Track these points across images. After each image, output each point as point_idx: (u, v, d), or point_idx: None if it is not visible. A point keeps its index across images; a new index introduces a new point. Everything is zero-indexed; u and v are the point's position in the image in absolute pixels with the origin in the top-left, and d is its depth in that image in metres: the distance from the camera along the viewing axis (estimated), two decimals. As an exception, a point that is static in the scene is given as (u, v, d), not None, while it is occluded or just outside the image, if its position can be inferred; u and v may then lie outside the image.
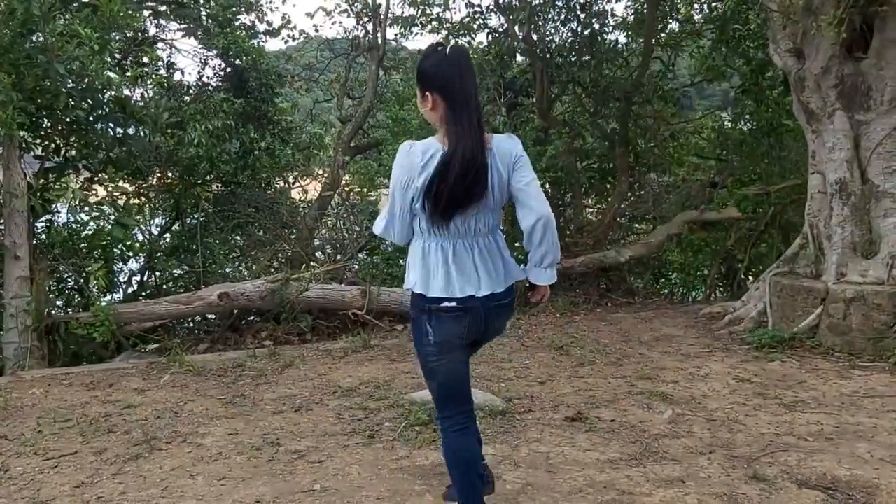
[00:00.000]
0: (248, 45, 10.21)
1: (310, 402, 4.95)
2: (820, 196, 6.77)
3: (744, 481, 3.57)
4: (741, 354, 6.07)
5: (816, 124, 6.72)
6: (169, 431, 4.38)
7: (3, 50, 6.24)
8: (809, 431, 4.28)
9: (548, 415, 4.60)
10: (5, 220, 6.51)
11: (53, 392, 5.34)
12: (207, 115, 8.99)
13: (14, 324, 6.36)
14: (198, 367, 5.86)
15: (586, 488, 3.50)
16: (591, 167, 11.39)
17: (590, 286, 9.14)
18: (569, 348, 6.33)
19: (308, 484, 3.59)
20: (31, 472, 3.79)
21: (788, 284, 6.52)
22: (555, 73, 10.57)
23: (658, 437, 4.20)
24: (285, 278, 7.55)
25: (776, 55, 6.99)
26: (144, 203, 10.18)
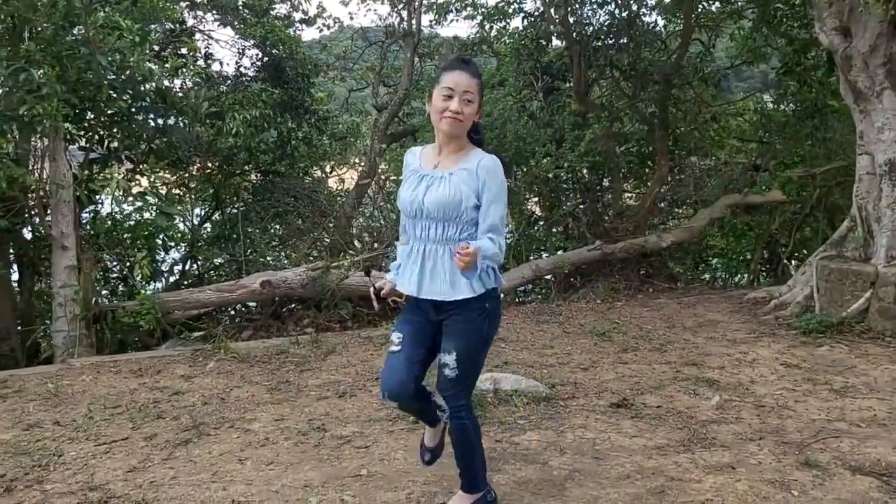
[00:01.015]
0: (284, 35, 10.25)
1: (353, 388, 4.97)
2: (869, 177, 6.62)
3: (795, 467, 3.52)
4: (788, 339, 5.97)
5: (864, 104, 6.56)
6: (216, 417, 4.43)
7: (47, 43, 6.34)
8: (861, 417, 4.20)
9: (592, 401, 4.57)
10: (52, 211, 6.61)
11: (102, 379, 5.42)
12: (246, 106, 9.04)
13: (63, 312, 6.47)
14: (242, 354, 5.92)
15: (634, 475, 3.47)
16: (629, 151, 11.28)
17: (630, 271, 9.06)
18: (611, 334, 6.28)
19: (355, 469, 3.61)
20: (84, 457, 3.86)
21: (836, 268, 6.39)
22: (592, 56, 10.45)
23: (706, 423, 4.15)
24: (326, 266, 7.58)
25: (822, 34, 6.82)
26: (184, 193, 10.31)
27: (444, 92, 2.71)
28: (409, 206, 2.81)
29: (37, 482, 3.52)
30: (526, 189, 10.26)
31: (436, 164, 2.83)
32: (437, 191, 2.75)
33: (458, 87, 2.71)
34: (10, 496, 3.36)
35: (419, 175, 2.84)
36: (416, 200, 2.78)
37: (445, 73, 2.77)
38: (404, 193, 2.85)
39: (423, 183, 2.81)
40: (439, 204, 2.73)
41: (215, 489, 3.41)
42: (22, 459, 3.80)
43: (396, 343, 2.86)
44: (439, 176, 2.78)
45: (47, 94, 5.92)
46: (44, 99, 5.93)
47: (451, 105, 2.70)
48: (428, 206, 2.75)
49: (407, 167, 2.93)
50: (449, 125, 2.73)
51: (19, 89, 5.98)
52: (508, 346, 5.98)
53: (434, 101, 2.76)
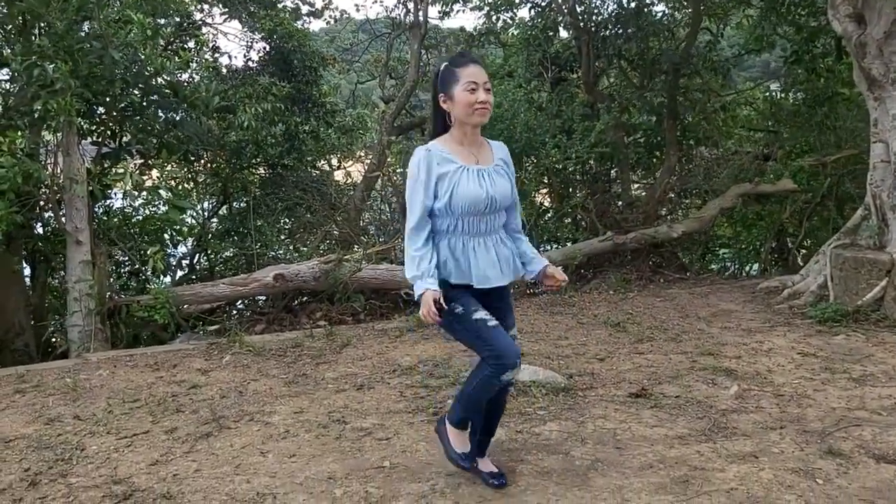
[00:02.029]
0: (293, 28, 10.23)
1: (371, 380, 4.98)
2: (883, 165, 6.59)
3: (818, 456, 3.51)
4: (804, 329, 5.95)
5: (879, 91, 6.52)
6: (236, 410, 4.44)
7: (59, 38, 6.34)
8: (882, 405, 4.19)
9: (610, 391, 4.57)
10: (66, 205, 6.63)
11: (119, 373, 5.45)
12: (257, 99, 9.04)
13: (78, 307, 6.50)
14: (257, 347, 5.94)
15: (657, 464, 3.47)
16: (637, 142, 11.25)
17: (642, 262, 9.05)
18: (625, 325, 6.27)
19: (377, 460, 3.61)
20: (106, 450, 3.88)
21: (851, 257, 6.37)
22: (600, 46, 10.42)
23: (726, 412, 4.14)
24: (338, 259, 7.59)
25: (835, 21, 6.78)
26: (193, 187, 10.32)
27: (469, 86, 2.82)
28: (482, 202, 2.86)
29: (61, 476, 3.54)
30: (536, 180, 10.25)
31: (477, 159, 2.95)
32: (500, 183, 2.94)
33: (480, 78, 2.84)
34: (35, 490, 3.38)
35: (474, 170, 2.90)
36: (488, 196, 2.87)
37: (460, 68, 2.84)
38: (471, 191, 2.85)
39: (484, 177, 2.91)
40: (504, 196, 2.95)
41: (239, 482, 3.42)
42: (45, 453, 3.82)
43: (489, 318, 2.89)
44: (491, 169, 2.96)
45: (61, 89, 5.93)
46: (57, 94, 5.94)
47: (479, 96, 2.82)
48: (499, 199, 2.92)
49: (440, 165, 2.89)
50: (482, 116, 2.87)
51: (32, 84, 5.98)
52: (524, 337, 5.98)
53: (458, 96, 2.84)
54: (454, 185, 2.85)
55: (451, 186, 2.85)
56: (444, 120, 2.98)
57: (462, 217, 2.89)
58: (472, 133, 2.95)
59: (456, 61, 2.89)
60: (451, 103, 2.88)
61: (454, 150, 2.93)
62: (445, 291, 2.88)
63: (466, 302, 2.91)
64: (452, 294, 2.91)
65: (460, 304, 2.89)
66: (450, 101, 2.89)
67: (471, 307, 2.90)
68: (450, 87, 2.86)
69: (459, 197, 2.84)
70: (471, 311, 2.89)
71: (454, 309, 2.89)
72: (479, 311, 2.90)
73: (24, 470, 3.60)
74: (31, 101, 5.98)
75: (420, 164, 2.87)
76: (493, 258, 2.94)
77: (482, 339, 2.89)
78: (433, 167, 2.87)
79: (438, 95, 2.94)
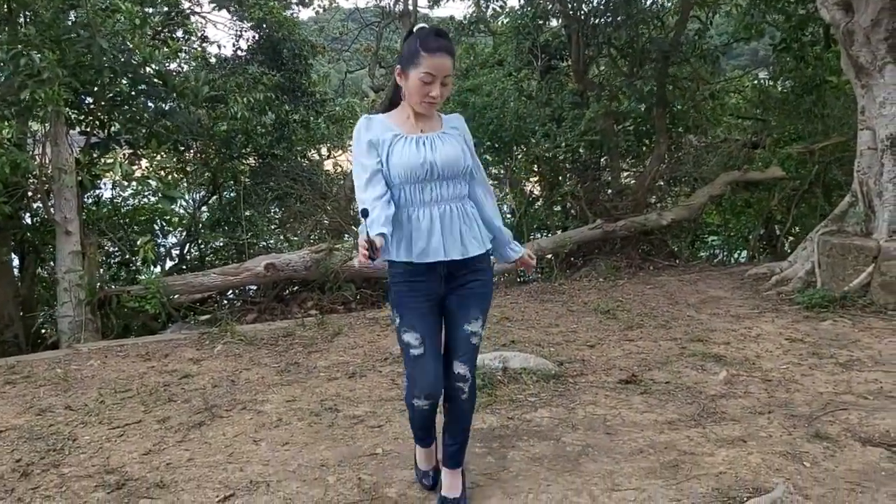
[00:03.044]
0: (282, 17, 10.18)
1: (363, 368, 5.00)
2: (870, 152, 6.63)
3: (806, 440, 3.56)
4: (791, 314, 6.01)
5: (866, 79, 6.56)
6: (228, 399, 4.46)
7: (46, 26, 6.30)
8: (868, 390, 4.24)
9: (601, 378, 4.61)
10: (55, 196, 6.60)
11: (111, 363, 5.44)
12: (248, 89, 9.01)
13: (68, 298, 6.48)
14: (249, 336, 5.94)
15: (647, 449, 3.51)
16: (627, 130, 11.27)
17: (631, 250, 9.09)
18: (615, 312, 6.31)
19: (370, 448, 3.64)
20: (98, 440, 3.88)
21: (838, 243, 6.42)
22: (590, 34, 10.42)
23: (714, 397, 4.19)
24: (329, 248, 7.59)
25: (823, 9, 6.80)
26: (182, 178, 10.28)
27: (425, 78, 2.63)
28: (418, 168, 2.66)
29: (53, 466, 3.54)
30: (526, 169, 10.26)
31: (421, 129, 2.76)
32: (445, 149, 2.72)
33: (440, 72, 2.64)
34: (27, 480, 3.38)
35: (413, 139, 2.71)
36: (426, 161, 2.67)
37: (426, 54, 2.62)
38: (405, 157, 2.67)
39: (423, 144, 2.71)
40: (450, 161, 2.71)
41: (232, 470, 3.44)
42: (37, 444, 3.82)
43: (417, 344, 2.74)
44: (435, 136, 2.75)
45: (48, 78, 5.89)
46: (45, 83, 5.90)
47: (431, 91, 2.65)
48: (441, 165, 2.69)
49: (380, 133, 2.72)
50: (426, 109, 2.72)
51: (19, 74, 5.94)
52: (514, 324, 6.02)
53: (411, 81, 2.67)
54: (388, 154, 2.69)
55: (385, 156, 2.69)
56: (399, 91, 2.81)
57: (402, 187, 2.69)
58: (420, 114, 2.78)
59: (426, 43, 2.63)
60: (405, 83, 2.71)
61: (398, 122, 2.77)
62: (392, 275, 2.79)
63: (405, 311, 2.77)
64: (397, 285, 2.79)
65: (398, 313, 2.77)
66: (404, 81, 2.71)
67: (405, 322, 2.76)
68: (408, 66, 2.67)
69: (394, 165, 2.67)
70: (402, 329, 2.76)
71: (394, 315, 2.80)
72: (412, 332, 2.74)
73: (15, 461, 3.60)
74: (18, 91, 5.94)
75: (359, 129, 2.74)
76: (437, 229, 2.69)
77: (405, 358, 2.82)
78: (364, 133, 2.72)
79: (396, 68, 2.76)
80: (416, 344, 2.74)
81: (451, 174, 2.73)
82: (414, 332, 2.74)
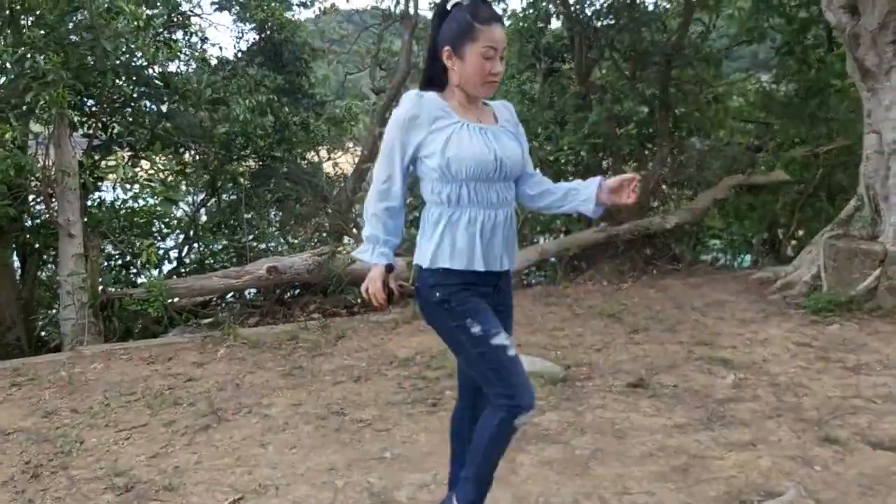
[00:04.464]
0: (284, 19, 10.18)
1: (368, 372, 4.98)
2: (876, 156, 6.62)
3: (816, 444, 3.54)
4: (798, 318, 5.99)
5: (872, 82, 6.55)
6: (234, 403, 4.44)
7: (50, 29, 6.28)
8: (877, 394, 4.23)
9: (608, 381, 4.59)
10: (58, 198, 6.57)
11: (114, 366, 5.42)
12: (250, 91, 8.99)
13: (71, 300, 6.45)
14: (252, 340, 5.92)
15: (657, 453, 3.49)
16: (629, 133, 11.25)
17: (635, 253, 9.06)
18: (621, 315, 6.29)
19: (378, 451, 3.62)
20: (105, 443, 3.87)
21: (844, 247, 6.41)
22: (593, 37, 10.41)
23: (723, 401, 4.17)
24: (332, 251, 7.57)
25: (829, 12, 6.79)
26: (181, 180, 10.23)
27: (488, 52, 2.26)
28: (489, 164, 2.28)
29: (62, 468, 3.53)
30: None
31: (479, 118, 2.38)
32: (509, 145, 2.37)
33: (499, 44, 2.29)
34: (37, 482, 3.37)
35: (477, 128, 2.32)
36: (496, 158, 2.29)
37: (483, 25, 2.25)
38: (475, 149, 2.27)
39: (488, 136, 2.33)
40: (515, 161, 2.38)
41: (240, 473, 3.42)
42: (45, 446, 3.81)
43: (510, 344, 2.33)
44: (497, 129, 2.39)
45: (52, 80, 5.87)
46: (49, 86, 5.88)
47: (494, 67, 2.29)
48: (509, 163, 2.33)
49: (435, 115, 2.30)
50: (491, 89, 2.35)
51: (24, 76, 5.92)
52: (519, 328, 5.98)
53: (471, 60, 2.27)
54: (449, 140, 2.27)
55: (447, 143, 2.27)
56: (441, 72, 2.37)
57: (467, 184, 2.28)
58: (474, 99, 2.40)
59: (478, 14, 2.26)
60: (460, 64, 2.30)
61: (453, 106, 2.35)
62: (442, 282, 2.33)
63: (484, 317, 2.31)
64: (454, 292, 2.32)
65: (477, 321, 2.29)
66: (458, 61, 2.30)
67: (490, 327, 2.29)
68: (463, 45, 2.27)
69: (461, 157, 2.25)
70: (491, 333, 2.28)
71: (469, 326, 2.29)
72: (500, 333, 2.30)
73: (24, 462, 3.59)
74: (23, 93, 5.92)
75: (409, 108, 2.30)
76: (499, 236, 2.35)
77: (498, 372, 2.29)
78: (423, 114, 2.29)
79: (443, 48, 2.32)
80: (509, 343, 2.32)
81: (513, 175, 2.40)
82: (502, 332, 2.32)
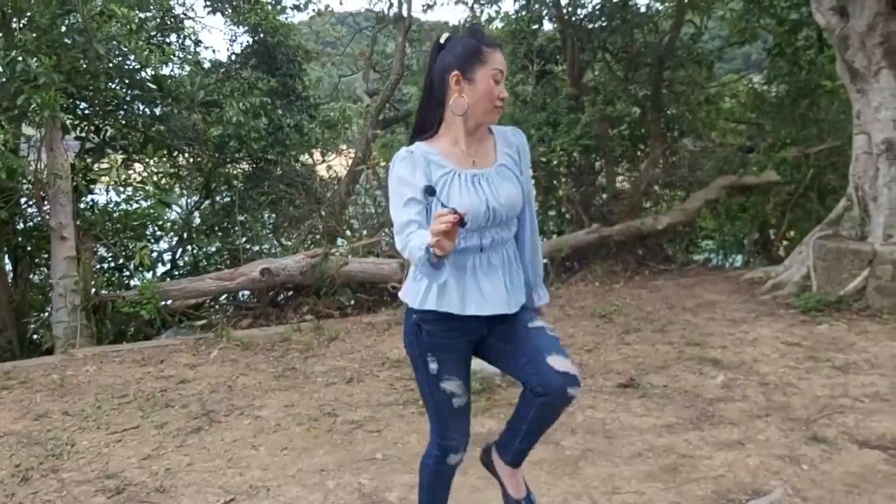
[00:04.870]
0: (277, 23, 10.18)
1: (360, 373, 5.00)
2: (865, 157, 6.66)
3: (803, 442, 3.58)
4: (787, 318, 6.03)
5: (861, 84, 6.60)
6: (226, 405, 4.45)
7: (42, 32, 6.28)
8: (865, 393, 4.26)
9: (599, 382, 4.62)
10: (50, 201, 6.57)
11: (107, 369, 5.43)
12: (243, 94, 8.99)
13: (63, 303, 6.45)
14: (245, 342, 5.93)
15: (646, 452, 3.52)
16: (622, 134, 11.29)
17: (627, 254, 9.10)
18: (612, 316, 6.32)
19: (369, 452, 3.64)
20: (96, 445, 3.88)
21: (833, 247, 6.45)
22: (585, 39, 10.45)
23: (712, 401, 4.20)
24: (325, 253, 7.58)
25: (818, 13, 6.84)
26: (175, 182, 10.23)
27: (496, 75, 2.22)
28: (480, 216, 2.21)
29: (52, 471, 3.54)
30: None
31: (474, 161, 2.30)
32: (506, 188, 2.29)
33: (504, 69, 2.27)
34: (27, 485, 3.38)
35: (468, 176, 2.25)
36: (488, 208, 2.22)
37: (489, 48, 2.23)
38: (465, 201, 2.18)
39: (481, 184, 2.26)
40: (511, 204, 2.30)
41: (232, 475, 3.44)
42: (35, 449, 3.82)
43: (461, 393, 2.33)
44: (492, 173, 2.30)
45: (44, 83, 5.88)
46: (41, 89, 5.88)
47: (501, 92, 2.25)
48: (503, 210, 2.27)
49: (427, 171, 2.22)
50: (497, 114, 2.30)
51: (15, 79, 5.93)
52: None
53: (480, 85, 2.21)
54: (442, 194, 2.20)
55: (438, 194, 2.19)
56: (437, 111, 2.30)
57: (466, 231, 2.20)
58: (474, 131, 2.31)
59: (484, 39, 2.25)
60: (469, 88, 2.22)
61: (445, 151, 2.27)
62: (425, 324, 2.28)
63: (443, 357, 2.30)
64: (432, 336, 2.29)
65: (435, 359, 2.29)
66: (467, 85, 2.22)
67: (444, 370, 2.30)
68: (472, 68, 2.21)
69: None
70: (441, 377, 2.30)
71: (428, 360, 2.30)
72: (453, 380, 2.31)
73: (15, 466, 3.60)
74: (15, 97, 5.93)
75: (403, 165, 2.24)
76: (498, 278, 2.28)
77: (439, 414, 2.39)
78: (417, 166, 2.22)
79: (450, 73, 2.23)
80: (461, 392, 2.33)
81: (508, 218, 2.32)
82: (456, 380, 2.32)
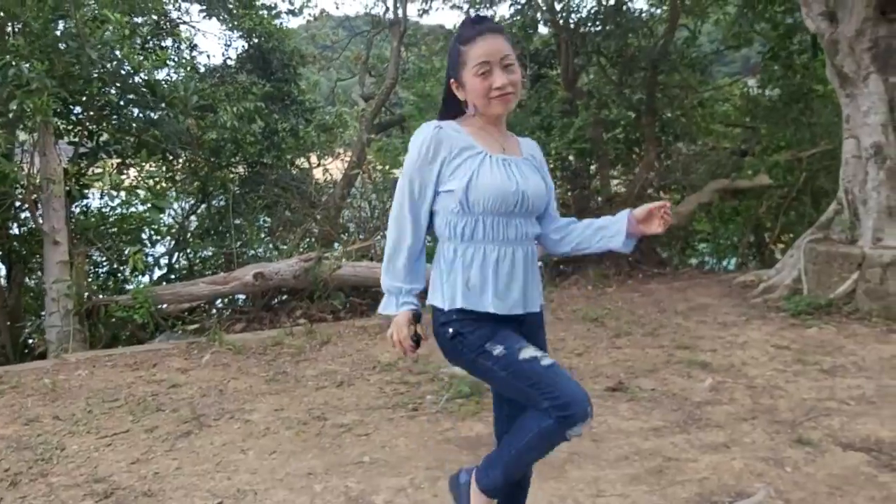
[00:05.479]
0: (272, 27, 10.21)
1: (351, 377, 5.01)
2: (855, 161, 6.70)
3: (788, 445, 3.60)
4: (778, 322, 6.06)
5: (850, 88, 6.64)
6: (216, 409, 4.46)
7: (35, 37, 6.31)
8: (851, 395, 4.28)
9: (588, 385, 4.63)
10: (44, 206, 6.59)
11: (98, 373, 5.44)
12: (238, 98, 9.02)
13: (56, 308, 6.47)
14: (237, 345, 5.95)
15: (632, 455, 3.54)
16: (616, 138, 11.33)
17: (620, 257, 9.11)
18: (603, 319, 6.34)
19: (357, 456, 3.65)
20: (86, 450, 3.89)
21: (824, 251, 6.48)
22: (579, 43, 10.49)
23: (700, 404, 4.22)
24: (318, 257, 7.60)
25: (808, 18, 6.88)
26: (170, 187, 10.25)
27: (479, 69, 2.12)
28: (510, 196, 2.11)
29: (41, 475, 3.55)
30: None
31: (503, 147, 2.22)
32: (533, 179, 2.21)
33: (494, 55, 2.12)
34: (15, 489, 3.39)
35: (499, 159, 2.15)
36: (518, 190, 2.13)
37: (467, 45, 2.15)
38: (497, 181, 2.10)
39: (511, 167, 2.17)
40: (538, 195, 2.21)
41: (220, 479, 3.45)
42: (24, 454, 3.82)
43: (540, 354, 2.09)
44: (521, 161, 2.23)
45: (37, 88, 5.90)
46: (34, 94, 5.91)
47: (494, 81, 2.12)
48: (532, 197, 2.18)
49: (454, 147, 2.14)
50: (503, 104, 2.17)
51: (8, 84, 5.95)
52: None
53: (469, 85, 2.16)
54: (473, 173, 2.11)
55: (468, 175, 2.10)
56: (456, 102, 2.26)
57: (483, 218, 2.13)
58: (495, 122, 2.24)
59: (463, 36, 2.18)
60: (464, 91, 2.19)
61: (475, 134, 2.19)
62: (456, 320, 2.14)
63: (504, 338, 2.11)
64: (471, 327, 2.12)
65: (496, 342, 2.09)
66: (462, 89, 2.20)
67: (513, 344, 2.09)
68: (459, 72, 2.18)
69: (481, 189, 2.10)
70: (515, 350, 2.08)
71: (490, 350, 2.09)
72: (526, 347, 2.09)
73: (3, 470, 3.60)
74: (7, 102, 5.95)
75: (426, 141, 2.14)
76: (519, 276, 2.16)
77: (539, 385, 2.04)
78: (442, 148, 2.13)
79: (450, 82, 2.25)
80: (540, 354, 2.10)
81: (535, 210, 2.23)
82: (528, 346, 2.11)
